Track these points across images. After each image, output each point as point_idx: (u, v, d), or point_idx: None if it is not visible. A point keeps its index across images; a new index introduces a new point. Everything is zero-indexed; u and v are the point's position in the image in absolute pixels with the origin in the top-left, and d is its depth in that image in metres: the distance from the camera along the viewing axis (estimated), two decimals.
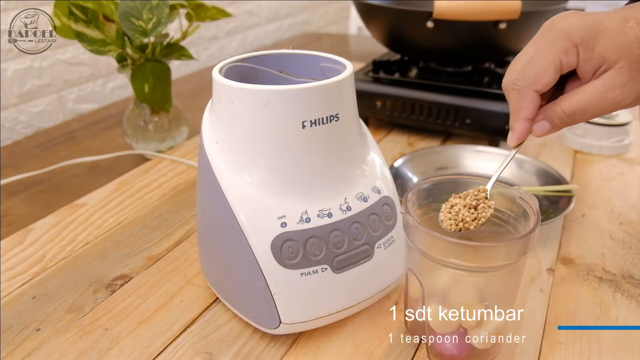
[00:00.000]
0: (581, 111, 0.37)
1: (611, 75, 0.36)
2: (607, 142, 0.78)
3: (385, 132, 0.87)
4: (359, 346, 0.44)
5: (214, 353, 0.43)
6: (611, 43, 0.36)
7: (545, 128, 0.39)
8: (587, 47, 0.36)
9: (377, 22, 0.86)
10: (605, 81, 0.36)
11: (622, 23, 0.36)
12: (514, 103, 0.39)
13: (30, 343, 0.45)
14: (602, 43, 0.36)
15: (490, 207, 0.39)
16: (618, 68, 0.36)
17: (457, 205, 0.39)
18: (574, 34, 0.36)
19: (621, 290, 0.50)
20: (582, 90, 0.37)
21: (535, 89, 0.38)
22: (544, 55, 0.37)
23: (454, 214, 0.39)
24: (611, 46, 0.36)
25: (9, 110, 0.91)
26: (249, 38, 1.47)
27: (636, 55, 0.35)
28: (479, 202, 0.39)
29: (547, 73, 0.37)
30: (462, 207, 0.39)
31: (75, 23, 0.64)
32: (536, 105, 0.39)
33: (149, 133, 0.78)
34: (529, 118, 0.39)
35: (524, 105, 0.38)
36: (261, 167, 0.41)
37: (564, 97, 0.38)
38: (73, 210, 0.64)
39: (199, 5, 0.75)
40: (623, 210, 0.64)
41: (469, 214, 0.38)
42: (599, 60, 0.36)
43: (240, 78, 0.42)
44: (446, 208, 0.40)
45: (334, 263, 0.42)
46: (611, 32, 0.36)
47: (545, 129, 0.39)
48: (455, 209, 0.39)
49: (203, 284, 0.51)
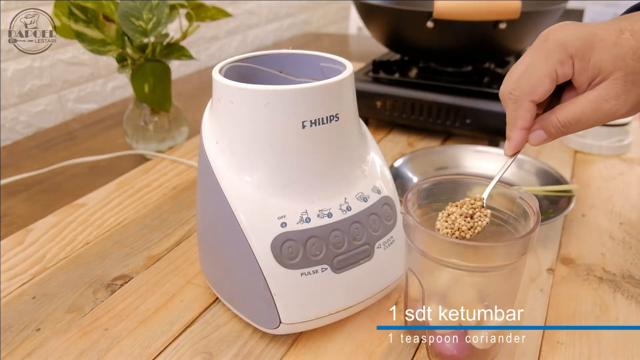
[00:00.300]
0: (576, 121, 0.38)
1: (606, 87, 0.37)
2: (607, 142, 0.78)
3: (385, 132, 0.87)
4: (359, 346, 0.44)
5: (214, 353, 0.43)
6: (606, 54, 0.36)
7: (542, 137, 0.40)
8: (582, 59, 0.37)
9: (377, 22, 0.86)
10: (601, 92, 0.37)
11: (617, 35, 0.36)
12: (510, 112, 0.40)
13: (30, 343, 0.45)
14: (598, 54, 0.36)
15: (486, 215, 0.39)
16: (613, 79, 0.36)
17: (453, 214, 0.39)
18: (569, 46, 0.37)
19: (621, 290, 0.50)
20: (578, 101, 0.38)
21: (531, 99, 0.38)
22: (540, 66, 0.37)
23: (450, 223, 0.39)
24: (606, 57, 0.36)
25: (9, 110, 0.91)
26: (249, 38, 1.47)
27: (631, 67, 0.36)
28: (475, 210, 0.39)
29: (543, 84, 0.37)
30: (459, 215, 0.39)
31: (75, 23, 0.64)
32: (532, 114, 0.39)
33: (149, 133, 0.78)
34: (525, 127, 0.39)
35: (521, 115, 0.39)
36: (261, 167, 0.41)
37: (560, 107, 0.39)
38: (73, 210, 0.64)
39: (199, 5, 0.75)
40: (623, 210, 0.64)
41: (465, 223, 0.39)
42: (594, 71, 0.37)
43: (240, 78, 0.42)
44: (443, 216, 0.40)
45: (334, 263, 0.42)
46: (606, 43, 0.36)
47: (541, 138, 0.40)
48: (452, 217, 0.39)
49: (203, 284, 0.51)
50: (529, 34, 0.77)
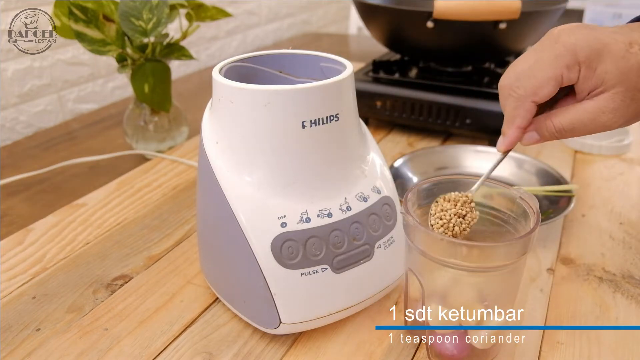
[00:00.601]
0: (570, 129, 0.38)
1: (605, 99, 0.37)
2: (607, 142, 0.78)
3: (385, 132, 0.87)
4: (359, 346, 0.44)
5: (214, 353, 0.43)
6: (612, 67, 0.36)
7: (534, 139, 0.40)
8: (589, 67, 0.36)
9: (377, 22, 0.86)
10: (599, 103, 0.37)
11: (626, 48, 0.36)
12: (510, 110, 0.40)
13: (30, 343, 0.45)
14: (604, 65, 0.36)
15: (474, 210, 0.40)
16: (613, 93, 0.36)
17: (447, 211, 0.39)
18: (579, 52, 0.36)
19: (621, 290, 0.50)
20: (575, 109, 0.38)
21: (533, 100, 0.38)
22: (546, 68, 0.37)
23: (446, 222, 0.39)
24: (612, 70, 0.36)
25: (9, 110, 0.91)
26: (249, 38, 1.47)
27: (634, 83, 0.36)
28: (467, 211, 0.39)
29: (547, 86, 0.37)
30: (453, 215, 0.39)
31: (75, 23, 0.64)
32: (532, 115, 0.39)
33: (149, 133, 0.78)
34: (522, 127, 0.40)
35: (520, 114, 0.39)
36: (261, 167, 0.41)
37: (556, 112, 0.39)
38: (73, 210, 0.64)
39: (199, 5, 0.75)
40: (623, 210, 0.64)
41: (458, 223, 0.39)
42: (597, 81, 0.37)
43: (240, 78, 0.42)
44: (436, 212, 0.40)
45: (334, 263, 0.42)
46: (614, 55, 0.36)
47: (534, 139, 0.40)
48: (447, 216, 0.39)
49: (203, 284, 0.51)
50: (529, 34, 0.77)
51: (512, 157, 0.68)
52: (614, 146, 0.78)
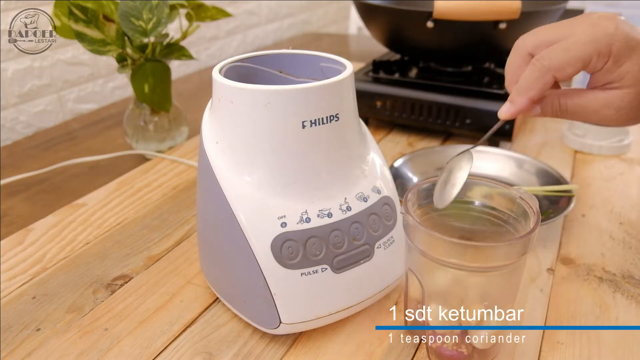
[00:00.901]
0: (573, 112, 0.38)
1: (616, 95, 0.37)
2: (607, 142, 0.78)
3: (385, 132, 0.87)
4: (359, 346, 0.44)
5: (214, 353, 0.43)
6: (635, 67, 0.36)
7: (535, 112, 0.40)
8: (616, 61, 0.36)
9: (377, 22, 0.86)
10: (609, 97, 0.37)
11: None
12: (528, 78, 0.38)
13: (30, 343, 0.45)
14: (629, 64, 0.36)
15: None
16: (626, 92, 0.36)
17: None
18: (614, 44, 0.36)
19: (621, 290, 0.50)
20: (585, 94, 0.38)
21: (556, 75, 0.37)
22: (580, 47, 0.36)
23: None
24: (634, 70, 0.36)
25: (9, 110, 0.91)
26: (249, 38, 1.47)
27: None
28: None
29: (575, 65, 0.37)
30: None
31: (75, 23, 0.64)
32: (548, 88, 0.38)
33: (149, 133, 0.78)
34: (534, 99, 0.39)
35: (538, 86, 0.38)
36: (261, 167, 0.41)
37: (566, 92, 0.39)
38: (73, 210, 0.64)
39: (199, 5, 0.75)
40: (623, 210, 0.64)
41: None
42: (616, 77, 0.37)
43: (240, 78, 0.42)
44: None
45: (334, 263, 0.42)
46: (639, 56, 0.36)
47: (535, 112, 0.40)
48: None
49: (203, 284, 0.51)
50: None
51: (512, 157, 0.68)
52: (614, 146, 0.78)
